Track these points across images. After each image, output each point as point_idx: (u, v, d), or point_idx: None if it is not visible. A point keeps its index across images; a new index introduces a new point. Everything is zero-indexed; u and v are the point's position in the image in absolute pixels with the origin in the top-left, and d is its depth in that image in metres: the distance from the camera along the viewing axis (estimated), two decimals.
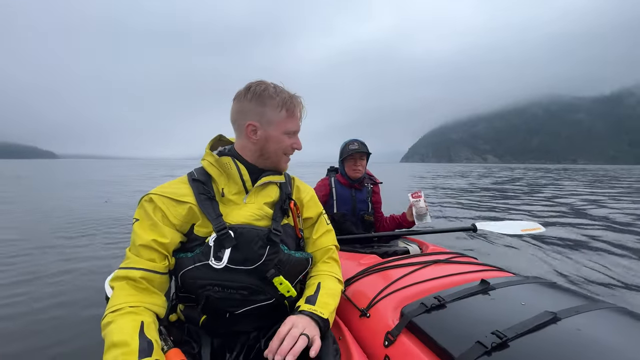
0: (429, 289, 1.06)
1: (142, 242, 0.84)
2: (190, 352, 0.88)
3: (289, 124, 0.96)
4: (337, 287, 1.02)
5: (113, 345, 0.68)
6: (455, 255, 1.36)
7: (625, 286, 2.79)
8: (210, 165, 0.96)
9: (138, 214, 0.90)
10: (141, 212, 0.89)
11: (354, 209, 2.08)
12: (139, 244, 0.84)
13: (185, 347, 0.88)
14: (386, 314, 1.01)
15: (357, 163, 2.02)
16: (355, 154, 1.99)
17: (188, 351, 0.87)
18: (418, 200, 1.83)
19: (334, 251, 1.13)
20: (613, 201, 8.98)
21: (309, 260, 1.04)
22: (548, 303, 0.87)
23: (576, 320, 0.78)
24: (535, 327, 0.77)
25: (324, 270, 1.07)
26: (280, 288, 0.92)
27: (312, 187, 1.59)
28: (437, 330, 0.86)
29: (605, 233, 4.93)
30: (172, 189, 0.92)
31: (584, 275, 3.07)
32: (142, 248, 0.84)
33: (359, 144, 2.01)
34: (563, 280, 2.97)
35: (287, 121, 0.95)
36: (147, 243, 0.84)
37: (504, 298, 0.93)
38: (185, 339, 0.92)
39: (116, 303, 0.77)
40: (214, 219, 0.88)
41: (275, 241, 0.92)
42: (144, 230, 0.86)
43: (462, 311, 0.91)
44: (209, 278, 0.87)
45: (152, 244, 0.84)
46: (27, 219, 5.62)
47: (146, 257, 0.84)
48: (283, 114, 0.94)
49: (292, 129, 0.97)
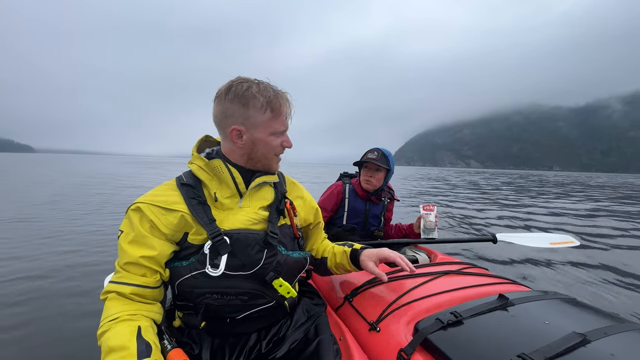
0: (442, 302, 1.01)
1: (129, 259, 0.80)
2: (191, 354, 0.87)
3: (275, 125, 0.89)
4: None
5: (111, 350, 0.67)
6: (467, 266, 1.31)
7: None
8: (199, 169, 0.90)
9: (124, 225, 0.84)
10: (127, 224, 0.84)
11: (365, 223, 1.92)
12: (126, 262, 0.80)
13: (185, 349, 0.86)
14: (398, 329, 0.95)
15: (371, 174, 1.84)
16: (372, 164, 1.82)
17: (188, 352, 0.86)
18: (429, 214, 1.78)
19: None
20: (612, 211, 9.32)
21: (307, 259, 1.03)
22: (573, 322, 0.83)
23: (607, 343, 0.74)
24: (564, 351, 0.72)
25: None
26: (280, 290, 0.91)
27: (319, 188, 1.51)
28: (455, 349, 0.80)
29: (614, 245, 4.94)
30: (161, 197, 0.86)
31: (601, 291, 2.94)
32: (130, 265, 0.80)
33: (380, 154, 1.82)
34: (580, 295, 2.82)
35: (273, 122, 0.89)
36: (134, 260, 0.79)
37: (525, 315, 0.89)
38: (185, 340, 0.91)
39: (112, 313, 0.75)
40: (208, 225, 0.84)
41: (273, 244, 0.89)
42: (130, 246, 0.81)
43: (482, 329, 0.85)
44: (207, 286, 0.84)
45: (140, 260, 0.79)
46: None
47: (136, 273, 0.80)
48: (268, 114, 0.87)
49: (279, 129, 0.91)
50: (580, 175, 70.04)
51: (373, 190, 1.89)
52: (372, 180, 1.85)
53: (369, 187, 1.87)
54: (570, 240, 1.94)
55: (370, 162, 1.82)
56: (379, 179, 1.85)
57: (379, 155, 1.83)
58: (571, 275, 3.40)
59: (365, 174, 1.87)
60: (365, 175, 1.87)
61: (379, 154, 1.83)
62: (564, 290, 2.92)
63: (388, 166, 1.83)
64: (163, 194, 0.87)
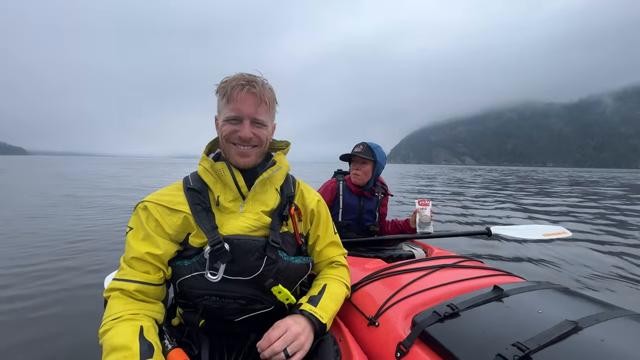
0: (439, 296, 1.03)
1: (135, 254, 0.82)
2: (190, 354, 0.87)
3: (226, 110, 0.88)
4: (342, 292, 1.01)
5: (113, 349, 0.67)
6: (462, 260, 1.33)
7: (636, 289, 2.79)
8: (205, 171, 0.92)
9: (132, 222, 0.87)
10: (135, 221, 0.87)
11: (360, 219, 1.96)
12: (132, 257, 0.82)
13: (185, 349, 0.87)
14: (396, 323, 0.96)
15: (358, 167, 1.90)
16: (358, 157, 1.88)
17: (188, 352, 0.87)
18: (424, 208, 1.81)
19: (342, 259, 1.11)
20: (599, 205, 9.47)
21: (309, 265, 1.01)
22: (566, 311, 0.86)
23: (598, 329, 0.76)
24: (557, 338, 0.74)
25: (331, 273, 1.05)
26: (279, 297, 0.91)
27: (314, 186, 1.51)
28: (453, 341, 0.82)
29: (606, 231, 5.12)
30: (167, 197, 0.89)
31: (593, 280, 3.02)
32: (135, 261, 0.82)
33: (365, 147, 1.89)
34: (573, 284, 2.90)
35: (226, 107, 0.88)
36: (140, 256, 0.82)
37: (519, 306, 0.91)
38: (184, 341, 0.92)
39: (114, 312, 0.76)
40: (209, 232, 0.84)
41: (273, 251, 0.88)
42: (137, 242, 0.83)
43: (478, 320, 0.87)
44: (206, 288, 0.85)
45: (145, 257, 0.82)
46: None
47: (140, 269, 0.82)
48: (224, 100, 0.88)
49: (228, 115, 0.87)
50: (569, 170, 70.92)
51: (362, 183, 1.93)
52: (359, 173, 1.90)
53: (358, 180, 1.92)
54: (562, 231, 1.99)
55: (357, 156, 1.88)
56: (366, 171, 1.90)
57: (364, 148, 1.89)
58: (564, 265, 3.49)
59: (353, 168, 1.93)
60: (353, 169, 1.93)
61: (364, 147, 1.89)
62: (557, 280, 3.01)
63: (374, 158, 1.88)
64: (170, 193, 0.90)
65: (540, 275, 3.15)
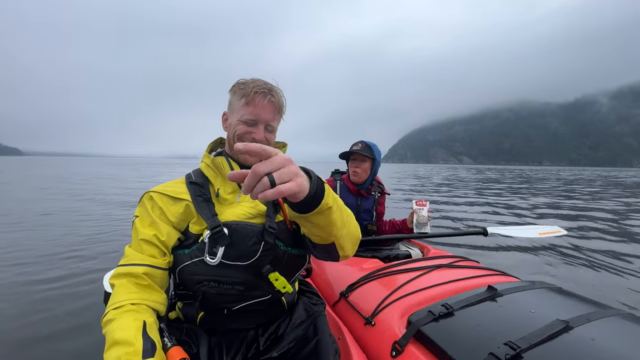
0: (434, 295, 1.04)
1: (144, 236, 0.85)
2: (189, 352, 0.88)
3: (243, 112, 0.94)
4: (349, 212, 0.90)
5: (116, 343, 0.68)
6: (458, 259, 1.35)
7: (631, 291, 2.80)
8: (206, 167, 0.99)
9: (139, 210, 0.93)
10: (142, 209, 0.92)
11: (357, 218, 1.96)
12: (141, 239, 0.86)
13: (184, 347, 0.87)
14: (392, 322, 0.98)
15: (357, 165, 1.92)
16: (357, 155, 1.91)
17: (187, 350, 0.88)
18: (421, 209, 1.83)
19: None
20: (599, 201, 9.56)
21: (306, 257, 1.02)
22: (558, 310, 0.87)
23: (589, 328, 0.78)
24: (548, 337, 0.76)
25: None
26: (276, 284, 0.91)
27: None
28: (446, 340, 0.84)
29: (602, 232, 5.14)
30: (171, 188, 0.95)
31: (587, 279, 3.05)
32: (144, 243, 0.85)
33: (364, 145, 1.91)
34: (567, 284, 2.91)
35: (244, 109, 0.94)
36: (148, 238, 0.85)
37: (512, 305, 0.92)
38: (183, 339, 0.93)
39: (118, 300, 0.77)
40: (209, 218, 0.89)
41: (270, 238, 0.91)
42: (145, 227, 0.88)
43: (471, 320, 0.89)
44: (205, 274, 0.87)
45: (153, 239, 0.86)
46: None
47: (147, 252, 0.85)
48: (242, 101, 0.94)
49: (246, 117, 0.94)
50: (565, 169, 71.15)
51: (361, 181, 1.96)
52: (358, 170, 1.93)
53: (357, 178, 1.94)
54: (557, 230, 2.01)
55: (356, 153, 1.91)
56: (365, 169, 1.94)
57: (363, 146, 1.92)
58: (559, 265, 3.52)
59: (352, 166, 1.96)
60: (352, 167, 1.95)
61: (363, 145, 1.92)
62: (551, 280, 3.03)
63: (373, 156, 1.91)
64: (173, 185, 0.97)
65: (535, 275, 3.17)
